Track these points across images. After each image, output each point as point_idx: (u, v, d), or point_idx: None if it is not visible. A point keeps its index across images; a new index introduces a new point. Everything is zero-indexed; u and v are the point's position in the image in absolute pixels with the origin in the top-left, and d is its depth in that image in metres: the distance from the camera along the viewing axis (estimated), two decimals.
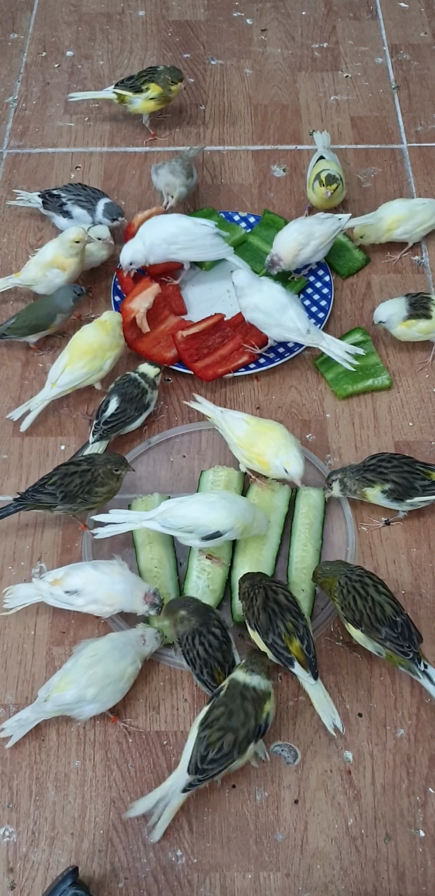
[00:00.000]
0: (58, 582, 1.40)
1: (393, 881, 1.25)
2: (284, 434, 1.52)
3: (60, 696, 1.30)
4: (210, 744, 1.23)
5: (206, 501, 1.43)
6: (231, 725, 1.24)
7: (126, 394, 1.62)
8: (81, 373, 1.65)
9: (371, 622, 1.33)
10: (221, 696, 1.26)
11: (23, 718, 1.33)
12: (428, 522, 1.56)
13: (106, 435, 1.61)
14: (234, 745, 1.23)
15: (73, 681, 1.31)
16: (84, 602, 1.39)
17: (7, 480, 1.62)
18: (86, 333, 1.68)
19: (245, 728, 1.24)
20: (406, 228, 1.88)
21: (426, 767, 1.33)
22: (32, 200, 1.96)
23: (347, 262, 1.91)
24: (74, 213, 1.89)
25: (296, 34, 2.41)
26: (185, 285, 1.89)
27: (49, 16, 2.46)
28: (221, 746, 1.23)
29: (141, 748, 1.34)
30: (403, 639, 1.32)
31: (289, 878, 1.25)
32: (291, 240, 1.79)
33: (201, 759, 1.22)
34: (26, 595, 1.43)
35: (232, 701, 1.25)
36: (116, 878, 1.25)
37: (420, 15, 2.45)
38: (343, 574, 1.38)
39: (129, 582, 1.39)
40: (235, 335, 1.76)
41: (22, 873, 1.25)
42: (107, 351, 1.66)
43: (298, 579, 1.47)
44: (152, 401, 1.65)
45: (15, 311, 1.80)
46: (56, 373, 1.66)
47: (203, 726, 1.24)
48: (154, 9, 2.48)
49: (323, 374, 1.74)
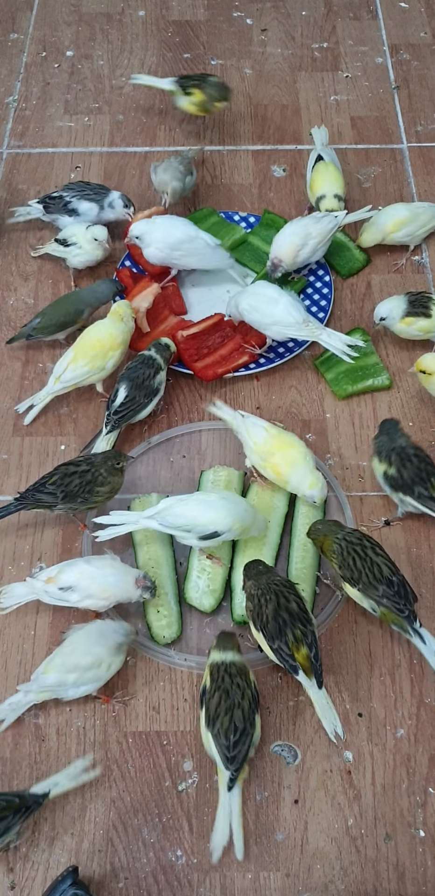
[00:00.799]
0: (52, 580, 1.41)
1: (393, 881, 1.25)
2: (304, 454, 1.51)
3: (45, 678, 1.34)
4: (226, 731, 1.24)
5: (206, 501, 1.43)
6: (233, 703, 1.26)
7: (136, 378, 1.61)
8: (83, 371, 1.65)
9: (369, 580, 1.37)
10: (209, 689, 1.28)
11: (14, 702, 1.35)
12: (428, 522, 1.56)
13: (118, 424, 1.60)
14: (245, 719, 1.25)
15: (55, 666, 1.34)
16: (79, 598, 1.40)
17: (7, 480, 1.62)
18: (96, 328, 1.68)
19: (245, 699, 1.27)
20: (408, 231, 1.88)
21: (426, 767, 1.33)
22: (32, 211, 1.94)
23: (348, 262, 1.91)
24: (81, 208, 1.88)
25: (296, 34, 2.41)
26: (185, 285, 1.89)
27: (49, 16, 2.46)
28: (235, 726, 1.24)
29: (141, 748, 1.35)
30: (400, 597, 1.36)
31: (289, 878, 1.25)
32: (288, 242, 1.79)
33: (227, 749, 1.24)
34: (21, 594, 1.44)
35: (221, 683, 1.27)
36: (116, 878, 1.25)
37: (420, 15, 2.45)
38: (341, 536, 1.41)
39: (121, 573, 1.40)
40: (234, 335, 1.77)
41: (22, 873, 1.25)
42: (111, 349, 1.65)
43: (298, 579, 1.47)
44: (162, 385, 1.64)
45: None
46: (60, 368, 1.66)
47: (211, 723, 1.26)
48: (154, 9, 2.48)
49: (323, 375, 1.74)
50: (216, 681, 1.28)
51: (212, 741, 1.26)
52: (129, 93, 2.27)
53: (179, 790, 1.31)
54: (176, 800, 1.30)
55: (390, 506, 1.57)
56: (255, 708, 1.28)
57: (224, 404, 1.61)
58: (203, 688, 1.30)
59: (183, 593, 1.47)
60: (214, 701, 1.26)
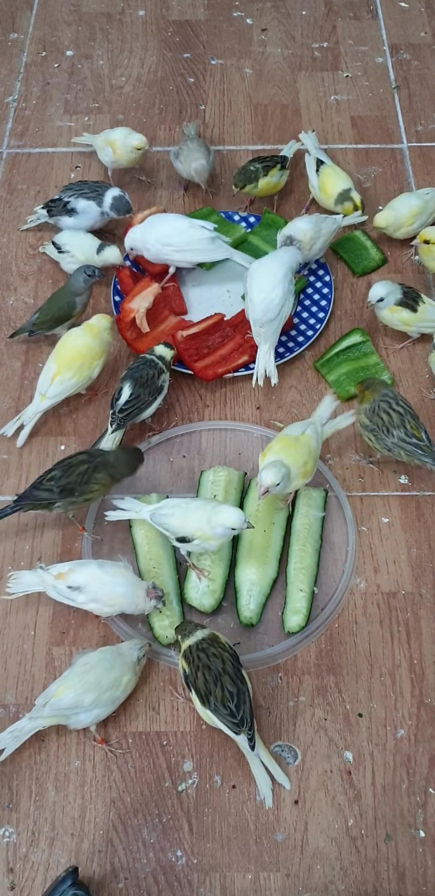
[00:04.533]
0: (63, 576, 1.40)
1: (393, 881, 1.25)
2: (283, 446, 1.47)
3: (58, 700, 1.30)
4: (223, 701, 1.27)
5: (190, 507, 1.42)
6: (217, 672, 1.28)
7: (139, 377, 1.61)
8: (71, 383, 1.63)
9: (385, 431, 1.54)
10: (189, 672, 1.30)
11: (17, 729, 1.32)
12: (428, 522, 1.56)
13: (123, 423, 1.60)
14: (234, 680, 1.28)
15: (72, 686, 1.30)
16: (85, 599, 1.39)
17: (7, 480, 1.62)
18: (72, 339, 1.66)
19: (226, 663, 1.29)
20: (421, 222, 1.89)
21: (426, 768, 1.33)
22: (41, 217, 1.96)
23: (364, 260, 1.91)
24: (79, 206, 1.88)
25: (296, 34, 2.41)
26: (185, 285, 1.89)
27: (49, 15, 2.46)
28: (229, 692, 1.27)
29: (141, 748, 1.34)
30: None
31: (289, 879, 1.25)
32: (308, 227, 1.79)
33: (231, 715, 1.26)
34: (30, 583, 1.43)
35: (199, 662, 1.29)
36: (116, 879, 1.25)
37: (420, 15, 2.45)
38: (383, 396, 1.56)
39: (131, 584, 1.39)
40: (235, 335, 1.76)
41: (22, 873, 1.25)
42: (94, 358, 1.64)
43: (298, 579, 1.47)
44: (165, 383, 1.64)
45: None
46: (45, 384, 1.64)
47: (205, 700, 1.28)
48: (154, 8, 2.47)
49: (324, 377, 1.74)
50: (193, 663, 1.30)
51: (213, 717, 1.27)
52: (129, 93, 2.27)
53: (179, 790, 1.31)
54: (176, 800, 1.30)
55: (391, 501, 1.57)
56: (238, 665, 1.30)
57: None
58: (184, 674, 1.31)
59: (183, 594, 1.47)
60: (200, 680, 1.28)
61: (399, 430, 1.54)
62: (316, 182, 1.96)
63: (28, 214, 1.99)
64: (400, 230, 1.90)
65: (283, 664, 1.41)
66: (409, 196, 1.92)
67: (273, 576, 1.48)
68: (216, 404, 1.70)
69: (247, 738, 1.27)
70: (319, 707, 1.38)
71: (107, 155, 1.99)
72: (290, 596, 1.46)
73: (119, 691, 1.33)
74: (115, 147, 1.97)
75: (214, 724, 1.29)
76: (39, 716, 1.31)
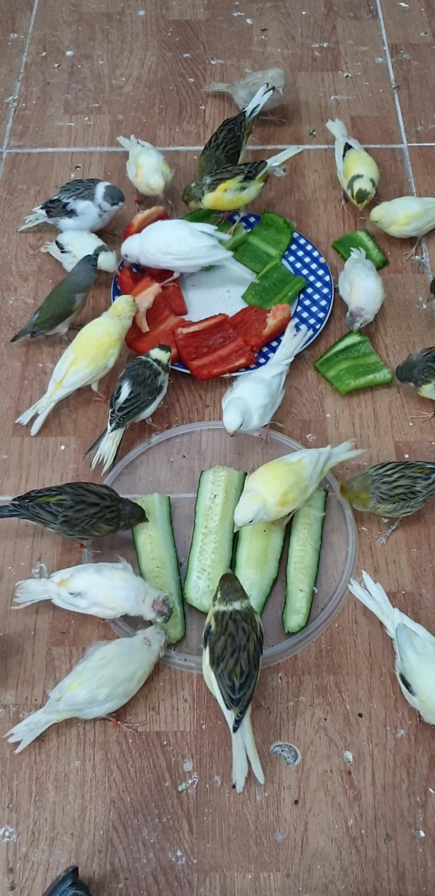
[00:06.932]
0: (64, 583, 1.40)
1: (393, 881, 1.25)
2: (268, 471, 1.47)
3: (73, 695, 1.30)
4: (231, 672, 1.26)
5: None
6: (238, 645, 1.27)
7: (138, 376, 1.61)
8: (86, 372, 1.64)
9: None
10: (213, 631, 1.29)
11: (33, 722, 1.33)
12: (428, 522, 1.56)
13: (122, 422, 1.60)
14: (250, 661, 1.27)
15: (86, 681, 1.31)
16: (87, 604, 1.40)
17: (7, 480, 1.62)
18: (93, 328, 1.67)
19: (251, 641, 1.28)
20: (417, 225, 1.89)
21: (426, 768, 1.33)
22: (39, 217, 1.95)
23: None
24: (78, 207, 1.89)
25: (296, 34, 2.41)
26: (185, 285, 1.89)
27: (49, 15, 2.46)
28: (241, 669, 1.27)
29: (141, 748, 1.35)
30: None
31: (289, 879, 1.25)
32: (376, 293, 1.75)
33: (232, 690, 1.26)
34: (36, 592, 1.44)
35: (226, 629, 1.29)
36: (116, 879, 1.25)
37: (420, 15, 2.45)
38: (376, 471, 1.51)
39: (133, 588, 1.39)
40: (236, 337, 1.76)
41: (22, 873, 1.25)
42: (111, 346, 1.65)
43: (297, 579, 1.47)
44: (164, 383, 1.64)
45: None
46: (61, 372, 1.66)
47: (215, 663, 1.28)
48: (154, 8, 2.48)
49: (324, 374, 1.74)
50: (221, 625, 1.30)
51: (215, 680, 1.27)
52: (129, 93, 2.27)
53: (179, 790, 1.31)
54: (176, 800, 1.30)
55: None
56: (260, 650, 1.30)
57: None
58: (208, 628, 1.31)
59: (183, 593, 1.47)
60: (220, 644, 1.28)
61: (422, 482, 1.50)
62: (341, 167, 1.97)
63: (27, 215, 2.00)
64: (392, 227, 1.90)
65: (283, 664, 1.41)
66: (412, 200, 1.92)
67: (273, 576, 1.49)
68: (216, 404, 1.70)
69: (235, 720, 1.27)
70: (319, 707, 1.38)
71: (131, 171, 1.99)
72: (290, 596, 1.46)
73: (132, 685, 1.33)
74: (139, 171, 1.96)
75: (211, 689, 1.29)
76: (55, 710, 1.31)
